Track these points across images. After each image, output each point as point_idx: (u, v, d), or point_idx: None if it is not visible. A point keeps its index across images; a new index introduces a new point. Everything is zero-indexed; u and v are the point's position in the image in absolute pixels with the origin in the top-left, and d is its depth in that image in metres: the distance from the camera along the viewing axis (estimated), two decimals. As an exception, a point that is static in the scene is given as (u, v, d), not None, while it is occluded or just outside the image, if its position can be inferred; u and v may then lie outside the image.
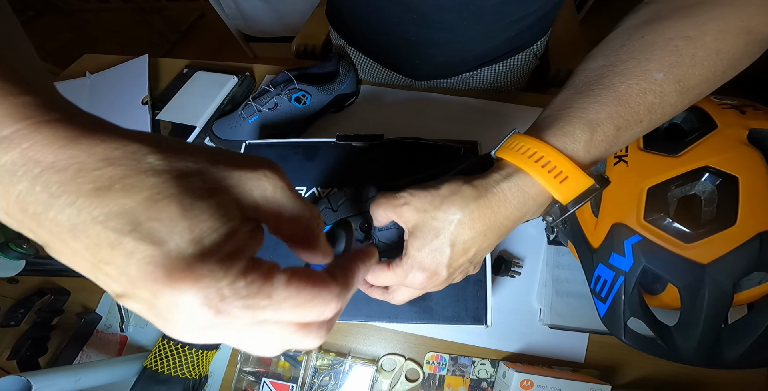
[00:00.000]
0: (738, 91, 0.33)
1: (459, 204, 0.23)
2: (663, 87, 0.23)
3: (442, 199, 0.24)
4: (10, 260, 0.36)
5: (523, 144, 0.23)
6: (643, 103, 0.23)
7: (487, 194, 0.23)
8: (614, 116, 0.23)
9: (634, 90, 0.23)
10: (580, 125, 0.23)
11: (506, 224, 0.24)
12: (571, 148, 0.23)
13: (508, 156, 0.24)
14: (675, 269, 0.30)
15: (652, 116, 0.23)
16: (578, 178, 0.22)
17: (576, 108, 0.23)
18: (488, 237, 0.24)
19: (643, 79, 0.23)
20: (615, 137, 0.23)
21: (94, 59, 0.74)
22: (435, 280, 0.25)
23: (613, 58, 0.24)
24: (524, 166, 0.23)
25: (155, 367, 0.42)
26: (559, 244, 0.47)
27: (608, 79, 0.23)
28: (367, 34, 0.57)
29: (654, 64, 0.23)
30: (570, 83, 0.26)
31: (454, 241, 0.23)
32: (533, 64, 0.64)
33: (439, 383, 0.44)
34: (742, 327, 0.30)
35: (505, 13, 0.46)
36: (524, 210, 0.24)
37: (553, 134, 0.23)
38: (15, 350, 0.45)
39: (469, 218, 0.23)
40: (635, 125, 0.23)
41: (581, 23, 0.87)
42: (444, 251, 0.24)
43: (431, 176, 0.38)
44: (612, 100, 0.23)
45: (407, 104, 0.62)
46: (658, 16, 0.25)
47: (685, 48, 0.22)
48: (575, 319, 0.44)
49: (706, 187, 0.30)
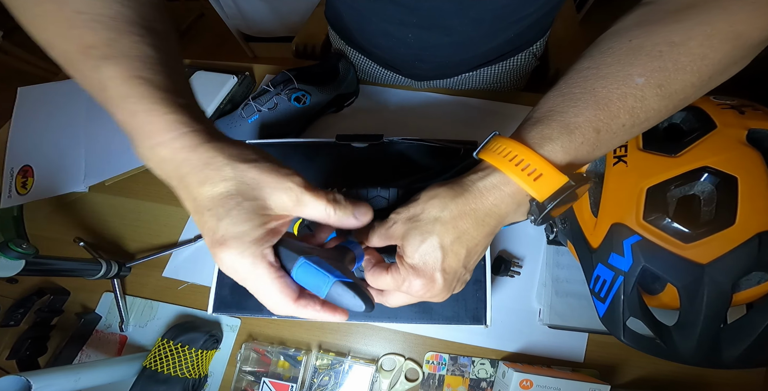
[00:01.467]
0: (737, 91, 0.33)
1: (438, 206, 0.24)
2: (644, 91, 0.23)
3: (423, 205, 0.25)
4: (10, 259, 0.36)
5: (500, 145, 0.24)
6: (624, 107, 0.23)
7: (464, 193, 0.24)
8: (593, 119, 0.23)
9: (615, 94, 0.23)
10: (558, 128, 0.23)
11: (488, 222, 0.24)
12: (548, 148, 0.23)
13: (486, 157, 0.25)
14: (674, 268, 0.30)
15: (635, 120, 0.24)
16: (552, 175, 0.23)
17: (556, 111, 0.24)
18: (474, 236, 0.24)
19: (624, 83, 0.23)
20: (596, 140, 0.24)
21: (93, 59, 0.74)
22: (433, 287, 0.25)
23: (599, 60, 0.25)
24: (499, 165, 0.24)
25: (155, 367, 0.42)
26: (559, 244, 0.47)
27: (590, 82, 0.24)
28: (367, 35, 0.57)
29: (636, 69, 0.23)
30: (556, 85, 0.26)
31: (442, 243, 0.24)
32: (533, 65, 0.64)
33: (439, 383, 0.44)
34: (741, 327, 0.30)
35: (505, 14, 0.46)
36: (503, 207, 0.24)
37: (531, 137, 0.24)
38: (15, 350, 0.45)
39: (450, 217, 0.24)
40: (618, 128, 0.24)
41: (581, 23, 0.87)
42: (435, 255, 0.24)
43: (430, 177, 0.38)
44: (591, 104, 0.23)
45: (407, 104, 0.62)
46: (650, 19, 0.25)
47: (668, 53, 0.23)
48: (575, 319, 0.44)
49: (705, 187, 0.30)
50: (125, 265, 0.49)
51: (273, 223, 0.22)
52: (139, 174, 0.56)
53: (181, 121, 0.21)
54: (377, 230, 0.27)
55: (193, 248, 0.52)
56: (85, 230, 0.55)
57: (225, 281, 0.40)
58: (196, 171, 0.21)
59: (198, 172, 0.21)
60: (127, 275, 0.51)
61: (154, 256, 0.51)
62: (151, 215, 0.55)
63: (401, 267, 0.25)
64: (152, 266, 0.51)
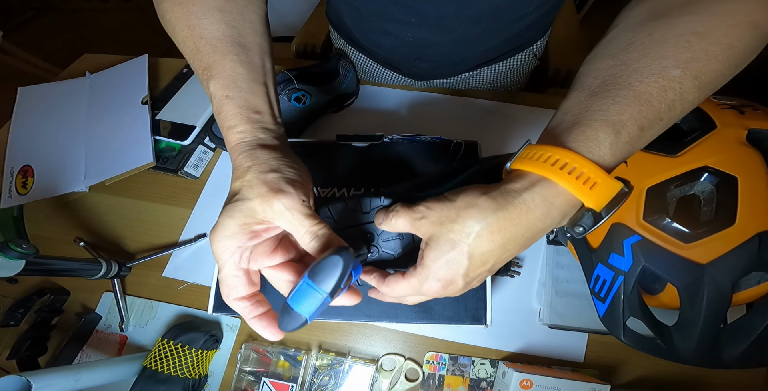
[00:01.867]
0: (737, 91, 0.33)
1: (476, 217, 0.22)
2: (682, 84, 0.22)
3: (458, 211, 0.23)
4: (10, 259, 0.36)
5: (542, 152, 0.22)
6: (665, 100, 0.22)
7: (507, 206, 0.22)
8: (637, 117, 0.22)
9: (654, 88, 0.22)
10: (603, 128, 0.22)
11: (528, 236, 0.23)
12: (596, 152, 0.22)
13: (527, 166, 0.23)
14: (674, 268, 0.30)
15: (672, 113, 0.23)
16: (608, 182, 0.21)
17: (595, 111, 0.22)
18: (508, 249, 0.23)
19: (661, 76, 0.22)
20: (638, 138, 0.22)
21: (93, 59, 0.74)
22: (452, 288, 0.24)
23: (624, 56, 0.24)
24: (549, 175, 0.22)
25: (155, 367, 0.42)
26: (559, 244, 0.47)
27: (623, 78, 0.23)
28: (366, 34, 0.57)
29: (669, 61, 0.22)
30: (580, 85, 0.25)
31: (472, 253, 0.23)
32: (533, 64, 0.64)
33: (439, 383, 0.44)
34: (741, 327, 0.30)
35: (504, 14, 0.46)
36: (548, 221, 0.22)
37: (574, 140, 0.22)
38: (15, 350, 0.45)
39: (487, 231, 0.22)
40: (656, 124, 0.23)
41: (581, 23, 0.87)
42: (461, 263, 0.23)
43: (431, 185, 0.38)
44: (633, 100, 0.22)
45: (407, 104, 0.62)
46: (660, 13, 0.24)
47: (697, 43, 0.22)
48: (575, 319, 0.44)
49: (705, 187, 0.30)
50: (125, 265, 0.49)
51: (255, 226, 0.25)
52: (139, 174, 0.56)
53: (243, 131, 0.28)
54: (401, 214, 0.26)
55: (193, 248, 0.52)
56: (85, 230, 0.55)
57: (225, 281, 0.40)
58: (235, 172, 0.27)
59: (235, 173, 0.27)
60: (127, 275, 0.51)
61: (154, 256, 0.51)
62: (151, 215, 0.55)
63: (421, 268, 0.25)
64: (152, 266, 0.51)
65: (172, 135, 0.57)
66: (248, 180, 0.26)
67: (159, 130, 0.58)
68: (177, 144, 0.56)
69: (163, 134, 0.57)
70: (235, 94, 0.29)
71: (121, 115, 0.61)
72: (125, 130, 0.59)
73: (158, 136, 0.57)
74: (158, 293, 0.50)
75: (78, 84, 0.67)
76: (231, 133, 0.28)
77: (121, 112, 0.62)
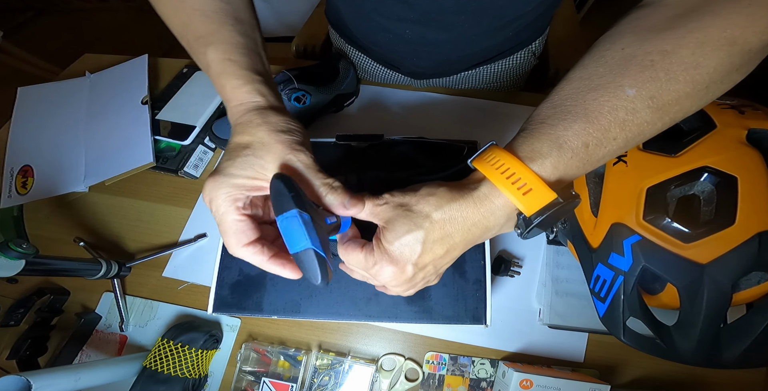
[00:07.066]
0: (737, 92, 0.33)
1: (434, 204, 0.25)
2: (635, 104, 0.22)
3: (419, 198, 0.25)
4: (10, 259, 0.36)
5: (494, 156, 0.25)
6: (615, 120, 0.23)
7: (460, 199, 0.25)
8: (582, 133, 0.23)
9: (605, 107, 0.23)
10: (548, 142, 0.24)
11: (474, 231, 0.25)
12: (539, 163, 0.24)
13: (480, 167, 0.25)
14: (674, 268, 0.30)
15: (627, 134, 0.23)
16: (541, 191, 0.23)
17: (547, 124, 0.24)
18: (456, 242, 0.25)
19: (615, 95, 0.22)
20: (586, 154, 0.23)
21: (93, 59, 0.74)
22: (399, 277, 0.25)
23: (591, 70, 0.24)
24: (491, 177, 0.24)
25: (155, 367, 0.42)
26: (559, 244, 0.47)
27: (582, 95, 0.24)
28: (365, 32, 0.57)
29: (627, 80, 0.22)
30: (550, 95, 0.26)
31: (425, 239, 0.24)
32: (532, 64, 0.64)
33: (439, 383, 0.44)
34: (740, 327, 0.30)
35: (504, 12, 0.47)
36: (492, 220, 0.25)
37: (523, 149, 0.24)
38: (14, 350, 0.45)
39: (440, 218, 0.24)
40: (609, 142, 0.23)
41: (581, 23, 0.87)
42: (414, 248, 0.25)
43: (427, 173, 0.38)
44: (581, 117, 0.23)
45: (407, 104, 0.62)
46: (645, 24, 0.24)
47: (660, 62, 0.22)
48: (575, 319, 0.44)
49: (705, 187, 0.30)
50: (125, 265, 0.49)
51: (263, 182, 0.26)
52: (139, 174, 0.56)
53: (250, 91, 0.29)
54: (366, 203, 0.27)
55: (193, 248, 0.52)
56: (85, 230, 0.55)
57: (225, 281, 0.40)
58: (242, 126, 0.27)
59: (242, 127, 0.27)
60: (127, 275, 0.51)
61: (154, 256, 0.51)
62: (151, 215, 0.55)
63: (377, 249, 0.26)
64: (152, 266, 0.51)
65: (172, 135, 0.57)
66: (260, 137, 0.26)
67: (159, 130, 0.58)
68: (177, 144, 0.57)
69: (163, 134, 0.57)
70: (238, 59, 0.29)
71: (121, 115, 0.61)
72: (125, 130, 0.59)
73: (158, 136, 0.57)
74: (158, 293, 0.50)
75: (78, 84, 0.67)
76: (238, 93, 0.29)
77: (121, 112, 0.62)
